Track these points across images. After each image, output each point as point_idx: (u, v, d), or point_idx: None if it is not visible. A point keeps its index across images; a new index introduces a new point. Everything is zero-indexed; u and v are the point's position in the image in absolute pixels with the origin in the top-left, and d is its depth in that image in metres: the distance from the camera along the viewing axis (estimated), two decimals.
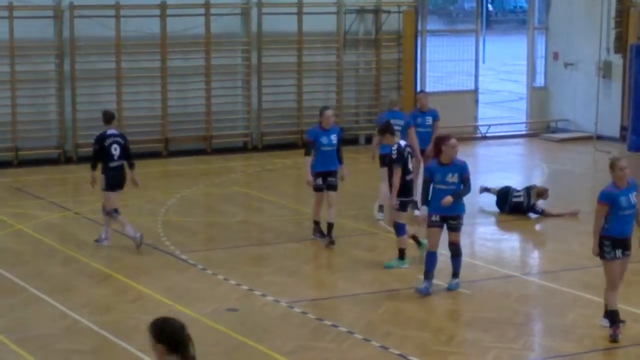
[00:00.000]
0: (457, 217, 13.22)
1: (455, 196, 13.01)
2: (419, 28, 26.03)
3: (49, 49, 22.92)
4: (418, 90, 23.88)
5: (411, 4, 25.70)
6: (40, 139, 22.86)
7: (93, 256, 15.09)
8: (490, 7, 58.28)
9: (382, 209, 16.93)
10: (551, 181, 19.38)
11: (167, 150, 23.75)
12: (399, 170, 14.18)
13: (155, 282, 13.77)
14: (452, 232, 13.32)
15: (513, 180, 19.50)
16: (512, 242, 17.16)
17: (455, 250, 13.43)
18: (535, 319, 12.79)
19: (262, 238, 16.64)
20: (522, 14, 51.42)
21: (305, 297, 13.35)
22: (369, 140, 24.19)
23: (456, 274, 13.49)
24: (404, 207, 14.38)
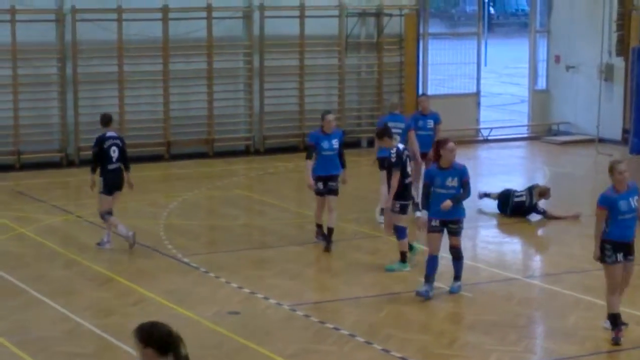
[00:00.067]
0: (457, 222, 13.20)
1: (454, 200, 12.99)
2: (421, 31, 25.99)
3: (51, 53, 22.92)
4: (420, 93, 23.85)
5: (413, 7, 25.70)
6: (42, 143, 22.85)
7: (95, 259, 15.09)
8: (492, 10, 58.23)
9: (383, 212, 16.91)
10: (553, 184, 19.34)
11: (169, 153, 23.76)
12: (397, 174, 14.18)
13: (157, 285, 13.77)
14: (452, 237, 13.31)
15: (515, 183, 19.49)
16: (514, 245, 17.16)
17: (457, 254, 13.43)
18: (537, 322, 12.80)
19: (264, 241, 16.65)
20: (524, 16, 51.29)
21: (307, 300, 13.34)
22: (371, 144, 24.15)
23: (458, 277, 13.49)
24: (404, 210, 14.39)
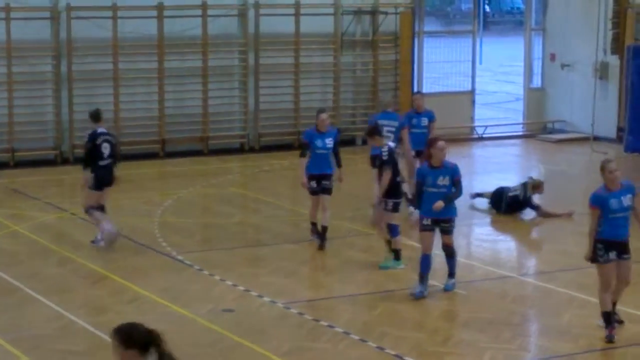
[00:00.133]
0: (448, 220, 13.18)
1: (446, 200, 12.95)
2: (416, 29, 25.98)
3: (45, 50, 22.89)
4: (415, 91, 23.85)
5: (408, 5, 25.69)
6: (36, 140, 22.84)
7: (89, 257, 15.07)
8: (487, 8, 58.29)
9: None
10: (548, 182, 19.34)
11: (163, 151, 23.74)
12: (389, 172, 14.17)
13: (152, 283, 13.76)
14: (444, 235, 13.30)
15: (509, 181, 19.46)
16: (508, 243, 17.18)
17: (450, 252, 13.43)
18: (531, 320, 12.80)
19: (258, 239, 16.65)
20: (519, 15, 51.44)
21: (302, 298, 13.35)
22: (365, 142, 24.11)
23: (452, 274, 13.50)
24: (396, 208, 14.39)
